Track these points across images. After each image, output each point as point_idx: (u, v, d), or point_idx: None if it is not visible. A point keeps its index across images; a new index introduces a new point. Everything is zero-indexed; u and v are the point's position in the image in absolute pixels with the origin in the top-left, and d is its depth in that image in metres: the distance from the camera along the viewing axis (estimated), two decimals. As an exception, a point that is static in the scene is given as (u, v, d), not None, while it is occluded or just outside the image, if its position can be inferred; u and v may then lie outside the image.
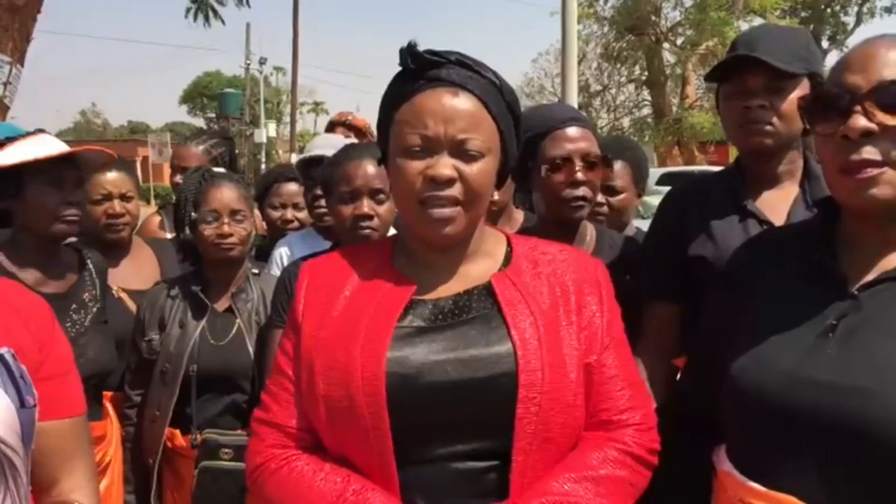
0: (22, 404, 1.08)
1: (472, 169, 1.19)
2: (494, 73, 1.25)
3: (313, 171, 2.56)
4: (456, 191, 1.19)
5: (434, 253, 1.27)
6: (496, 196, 1.31)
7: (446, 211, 1.19)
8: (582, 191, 1.85)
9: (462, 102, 1.19)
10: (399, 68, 1.24)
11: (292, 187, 3.06)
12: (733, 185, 1.79)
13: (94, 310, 2.16)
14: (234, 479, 2.10)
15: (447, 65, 1.21)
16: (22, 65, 4.38)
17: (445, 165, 1.18)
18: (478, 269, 1.28)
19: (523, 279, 1.25)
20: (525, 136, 1.58)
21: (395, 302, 1.22)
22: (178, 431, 2.17)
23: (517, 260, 1.29)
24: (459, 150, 1.19)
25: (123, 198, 2.54)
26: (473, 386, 1.15)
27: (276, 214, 3.07)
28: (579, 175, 1.84)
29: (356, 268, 1.30)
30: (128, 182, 2.56)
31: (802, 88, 1.67)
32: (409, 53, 1.22)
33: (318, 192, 2.37)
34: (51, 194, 2.01)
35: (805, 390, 1.12)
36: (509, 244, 1.33)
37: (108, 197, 2.51)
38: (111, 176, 2.52)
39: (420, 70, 1.21)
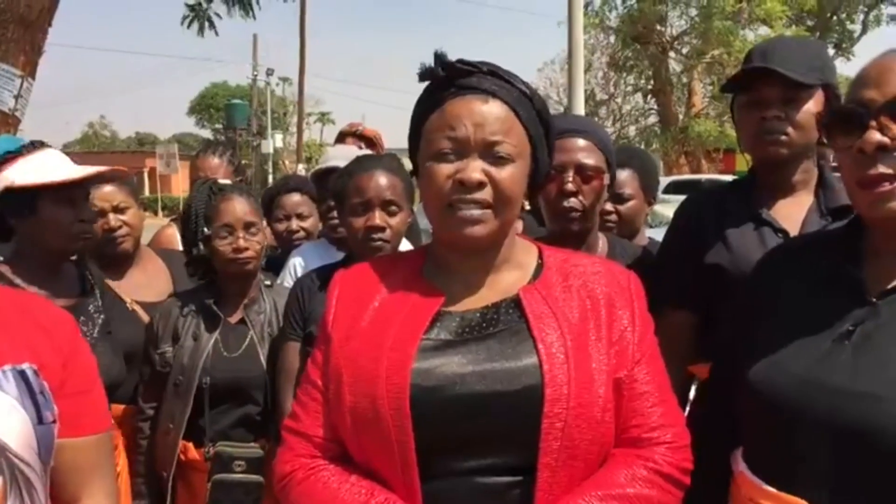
0: (40, 420, 1.08)
1: (501, 173, 1.19)
2: (525, 83, 1.25)
3: (328, 182, 2.56)
4: (486, 194, 1.19)
5: (463, 261, 1.26)
6: (527, 205, 1.30)
7: (475, 212, 1.19)
8: (572, 202, 1.84)
9: (492, 108, 1.20)
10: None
11: (295, 198, 3.06)
12: (748, 194, 1.81)
13: (100, 321, 2.16)
14: (246, 491, 2.10)
15: (478, 74, 1.22)
16: (33, 78, 4.39)
17: (475, 169, 1.18)
18: (507, 280, 1.27)
19: (553, 292, 1.24)
20: None
21: (422, 314, 1.22)
22: (191, 444, 2.16)
23: (547, 272, 1.28)
24: (489, 154, 1.19)
25: (117, 210, 2.53)
26: (498, 400, 1.14)
27: (280, 227, 3.07)
28: (569, 186, 1.83)
29: (387, 278, 1.30)
30: (119, 193, 2.54)
31: (817, 99, 1.70)
32: (441, 63, 1.23)
33: (333, 203, 2.37)
34: (65, 213, 2.03)
35: (819, 395, 1.13)
36: (541, 256, 1.32)
37: (102, 213, 2.49)
38: (101, 191, 2.49)
39: (450, 79, 1.22)
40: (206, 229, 2.21)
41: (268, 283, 2.36)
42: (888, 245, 1.19)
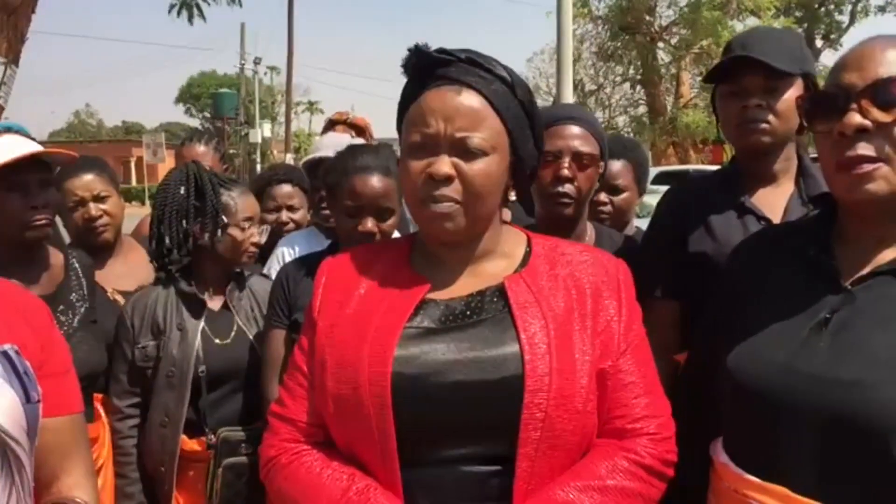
0: (27, 399, 1.09)
1: (472, 167, 1.18)
2: (508, 69, 1.24)
3: (320, 171, 2.55)
4: (454, 189, 1.18)
5: (447, 251, 1.26)
6: (514, 196, 1.30)
7: (443, 207, 1.19)
8: (567, 188, 1.85)
9: (464, 100, 1.19)
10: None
11: (285, 189, 3.04)
12: (731, 183, 1.82)
13: (83, 310, 2.12)
14: (256, 471, 2.10)
15: (455, 63, 1.22)
16: (17, 65, 4.35)
17: (443, 163, 1.18)
18: (493, 269, 1.27)
19: (538, 281, 1.23)
20: None
21: (406, 301, 1.22)
22: (184, 436, 2.11)
23: (535, 261, 1.27)
24: (460, 149, 1.18)
25: (98, 199, 2.50)
26: (479, 389, 1.14)
27: (270, 218, 3.06)
28: (565, 172, 1.84)
29: (373, 265, 1.30)
30: (99, 182, 2.51)
31: (797, 88, 1.71)
32: (414, 53, 1.22)
33: (324, 193, 2.35)
34: (14, 200, 1.93)
35: (798, 382, 1.14)
36: (529, 244, 1.32)
37: (82, 202, 2.46)
38: (81, 180, 2.47)
39: (431, 69, 1.22)
40: (225, 218, 2.17)
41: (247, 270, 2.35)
42: (861, 231, 1.20)
